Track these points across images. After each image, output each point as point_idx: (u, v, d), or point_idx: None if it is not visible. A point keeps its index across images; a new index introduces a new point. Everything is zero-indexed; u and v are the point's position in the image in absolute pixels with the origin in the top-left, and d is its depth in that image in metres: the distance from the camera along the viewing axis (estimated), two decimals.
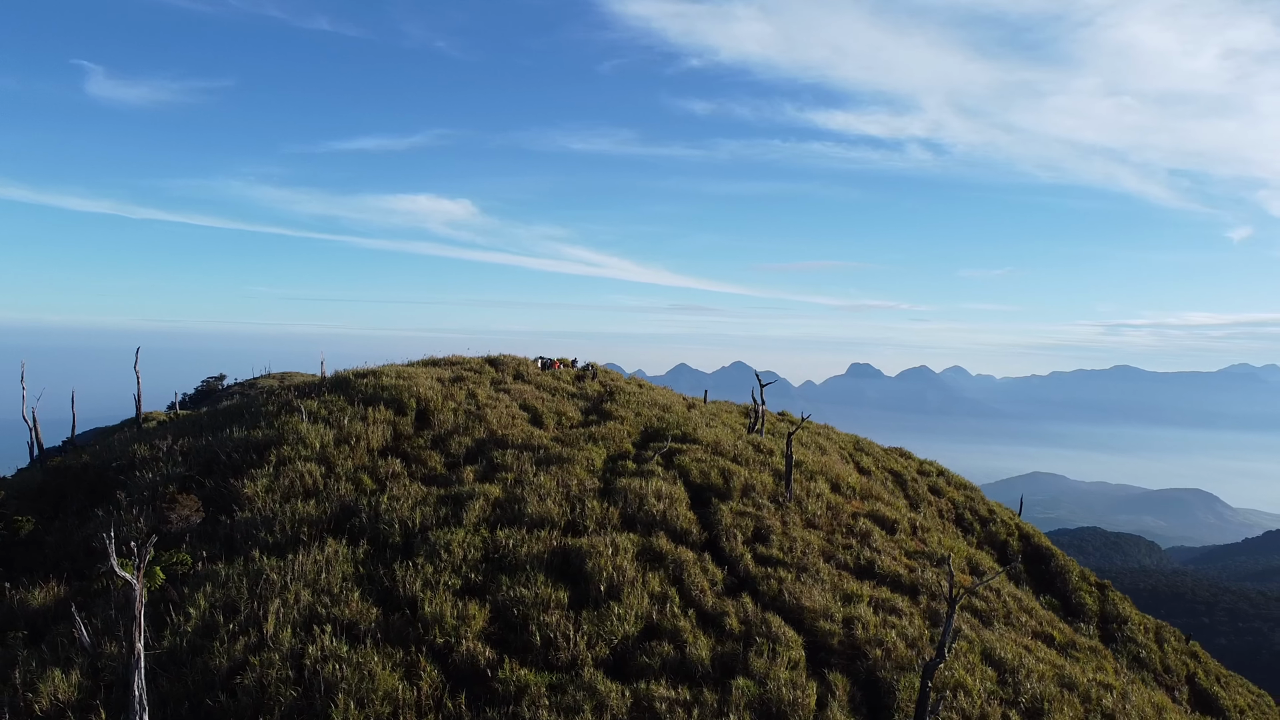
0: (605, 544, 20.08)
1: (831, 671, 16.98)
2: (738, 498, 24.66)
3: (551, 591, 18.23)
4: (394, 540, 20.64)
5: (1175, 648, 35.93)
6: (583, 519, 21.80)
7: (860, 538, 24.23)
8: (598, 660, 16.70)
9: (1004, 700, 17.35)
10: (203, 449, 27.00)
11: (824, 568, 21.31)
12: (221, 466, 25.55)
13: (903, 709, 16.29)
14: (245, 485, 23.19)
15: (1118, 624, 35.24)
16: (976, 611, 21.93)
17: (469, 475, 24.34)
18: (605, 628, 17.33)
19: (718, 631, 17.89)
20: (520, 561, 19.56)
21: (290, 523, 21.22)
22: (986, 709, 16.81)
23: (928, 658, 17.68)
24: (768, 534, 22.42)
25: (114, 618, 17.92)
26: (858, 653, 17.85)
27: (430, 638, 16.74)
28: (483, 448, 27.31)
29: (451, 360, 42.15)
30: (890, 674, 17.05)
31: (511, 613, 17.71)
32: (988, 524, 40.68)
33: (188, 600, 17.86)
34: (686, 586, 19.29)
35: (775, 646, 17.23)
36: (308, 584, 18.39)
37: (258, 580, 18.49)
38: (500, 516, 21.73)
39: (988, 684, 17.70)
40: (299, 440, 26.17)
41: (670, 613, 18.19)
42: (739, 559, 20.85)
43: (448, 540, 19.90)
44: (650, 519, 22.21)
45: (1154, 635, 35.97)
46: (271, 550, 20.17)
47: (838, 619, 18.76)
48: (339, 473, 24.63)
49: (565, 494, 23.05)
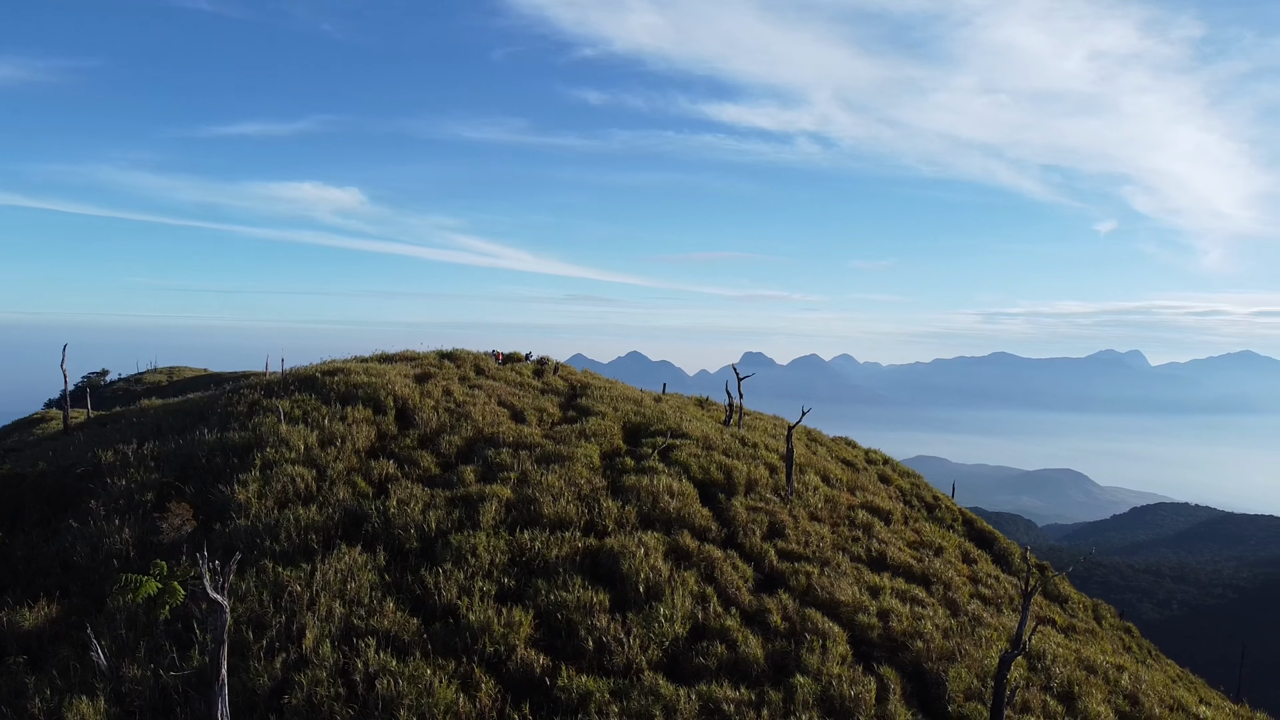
0: (634, 544, 19.83)
1: (881, 665, 17.16)
2: (743, 493, 24.70)
3: (592, 595, 17.88)
4: (410, 545, 19.89)
5: (1111, 624, 37.80)
6: (601, 519, 21.44)
7: (863, 529, 24.61)
8: (652, 663, 16.46)
9: (1040, 686, 17.88)
10: (175, 453, 25.44)
11: (842, 561, 21.55)
12: (200, 471, 24.13)
13: (954, 699, 16.60)
14: (237, 491, 21.97)
15: (1060, 603, 36.87)
16: (986, 600, 22.56)
17: (470, 476, 23.62)
18: (654, 630, 17.10)
19: (763, 629, 17.87)
20: (551, 564, 19.13)
21: (295, 530, 20.21)
22: (1026, 696, 17.28)
23: (966, 649, 18.12)
24: (782, 529, 22.53)
25: (126, 638, 16.79)
26: (899, 645, 18.09)
27: (480, 647, 16.21)
28: (474, 447, 26.57)
29: (407, 356, 40.91)
30: (936, 665, 17.33)
31: (555, 617, 17.29)
32: (934, 510, 41.85)
33: None
34: (722, 585, 19.21)
35: (825, 643, 17.32)
36: (335, 594, 17.58)
37: (281, 592, 17.59)
38: (517, 518, 21.18)
39: (1021, 670, 18.20)
40: (281, 442, 24.92)
41: (714, 612, 18.09)
42: (763, 555, 20.88)
43: (473, 544, 19.28)
44: (667, 517, 22.02)
45: (1093, 613, 37.72)
46: (281, 559, 19.17)
47: (872, 612, 18.98)
48: (331, 476, 23.58)
49: (577, 493, 22.63)
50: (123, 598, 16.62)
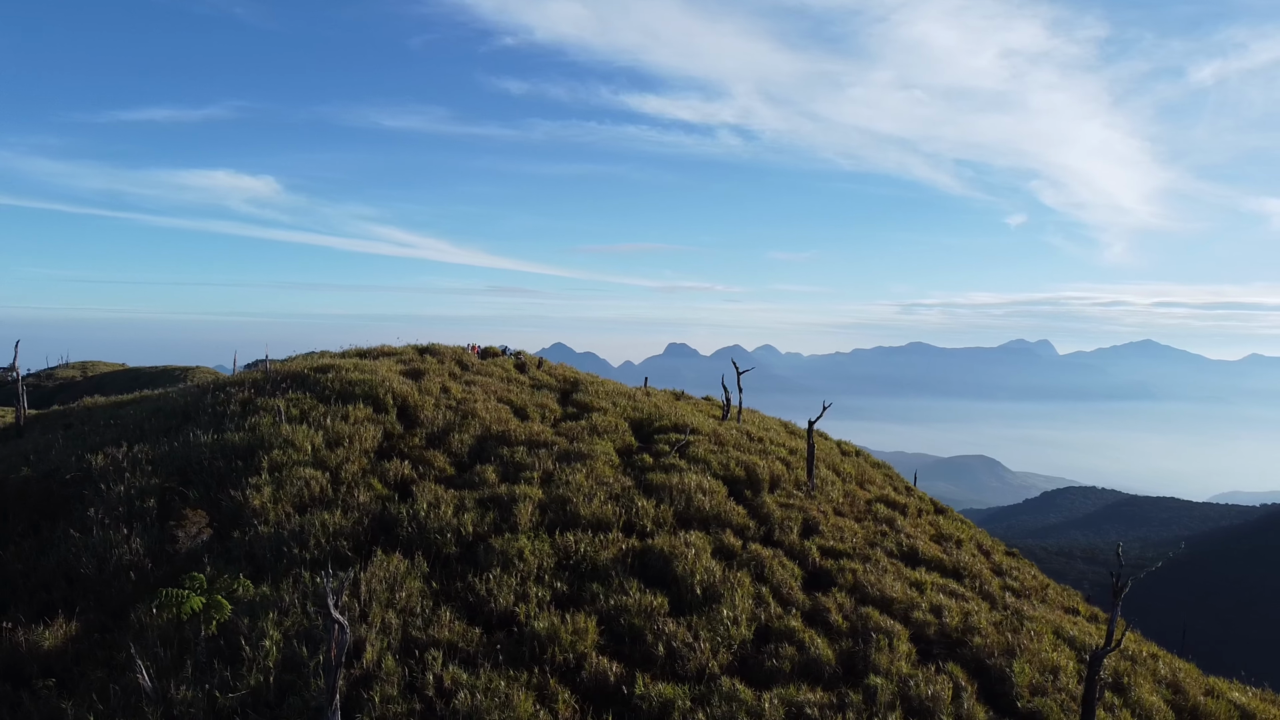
0: (681, 544, 19.43)
1: (946, 662, 17.11)
2: (768, 489, 24.49)
3: (652, 598, 17.43)
4: (449, 550, 19.13)
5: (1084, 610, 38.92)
6: (638, 518, 20.96)
7: (887, 523, 24.62)
8: (723, 667, 16.10)
9: None
10: (170, 456, 24.05)
11: (879, 556, 21.49)
12: (203, 475, 22.84)
13: (1021, 695, 16.62)
14: (251, 496, 20.85)
15: None
16: (1017, 592, 22.78)
17: (492, 476, 22.85)
18: (720, 633, 16.75)
19: (825, 628, 17.66)
20: (601, 567, 18.60)
21: (324, 536, 19.26)
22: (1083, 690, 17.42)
23: (1024, 644, 18.21)
24: (816, 525, 22.38)
25: (164, 656, 15.73)
26: (956, 641, 18.06)
27: (549, 656, 15.62)
28: (485, 445, 25.74)
29: (384, 351, 39.63)
30: (998, 661, 17.34)
31: (618, 623, 16.79)
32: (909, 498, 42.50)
33: (255, 630, 15.91)
34: (774, 584, 18.93)
35: (892, 641, 17.21)
36: (386, 604, 16.79)
37: (324, 603, 16.69)
38: (553, 520, 20.56)
39: (1072, 662, 18.38)
40: (287, 444, 23.75)
41: (774, 612, 17.82)
42: (805, 553, 20.67)
43: (518, 548, 18.62)
44: (704, 515, 21.66)
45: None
46: (312, 567, 18.26)
47: (924, 608, 18.95)
48: (344, 479, 22.57)
49: (609, 493, 22.09)
50: (165, 614, 15.59)
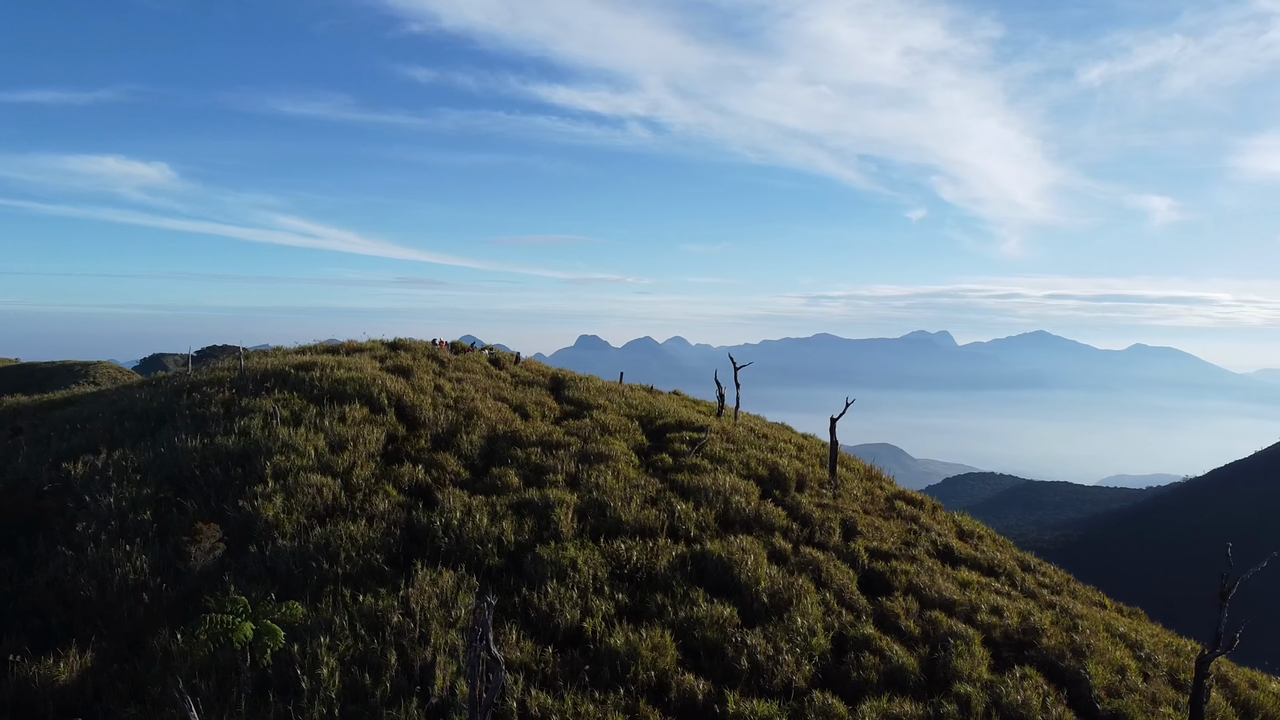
0: (736, 549, 18.61)
1: (1023, 666, 16.70)
2: (795, 489, 23.84)
3: (722, 609, 16.58)
4: (492, 562, 17.92)
5: None
6: (681, 522, 20.05)
7: (912, 521, 24.24)
8: (809, 680, 15.38)
9: (1160, 678, 17.94)
10: (157, 464, 22.11)
11: (922, 556, 21.06)
12: (198, 484, 21.03)
13: (1100, 698, 16.33)
14: (262, 506, 19.24)
15: None
16: (1051, 588, 22.60)
17: (513, 479, 21.63)
18: (799, 643, 16.01)
19: (898, 635, 17.06)
20: (658, 576, 17.67)
21: (354, 549, 17.84)
22: (1155, 691, 17.25)
23: (1091, 643, 17.95)
24: (854, 526, 21.82)
25: (207, 690, 14.21)
26: (1023, 643, 17.68)
27: (633, 675, 14.64)
28: (495, 446, 24.44)
29: (353, 346, 37.65)
30: (1071, 663, 17.03)
31: (692, 636, 15.90)
32: None
33: (308, 657, 14.53)
34: (835, 589, 18.28)
35: (971, 647, 16.73)
36: (444, 623, 15.56)
37: (378, 624, 15.38)
38: (594, 526, 19.50)
39: (1133, 661, 18.22)
40: (288, 448, 22.07)
41: (845, 619, 17.18)
42: (855, 555, 20.07)
43: (570, 558, 17.53)
44: (745, 518, 20.88)
45: None
46: (347, 583, 16.87)
47: (984, 609, 18.55)
48: (356, 485, 21.07)
49: (644, 496, 21.12)
50: (211, 643, 14.08)
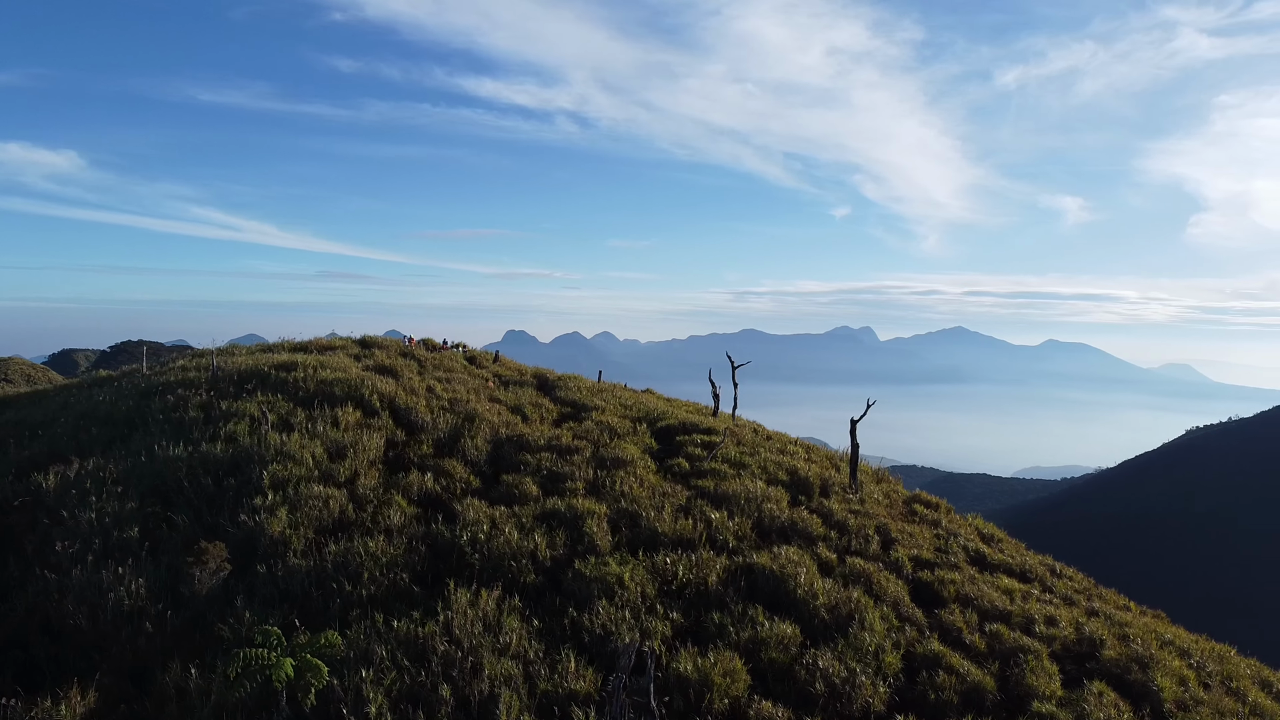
0: (785, 561, 17.58)
1: (1093, 680, 16.00)
2: (818, 493, 22.92)
3: (784, 627, 15.53)
4: (528, 579, 16.57)
5: None
6: (717, 533, 18.95)
7: (934, 525, 23.54)
8: (887, 703, 14.43)
9: (1217, 688, 17.48)
10: (136, 474, 20.15)
11: (960, 563, 20.34)
12: (187, 496, 19.18)
13: (1171, 713, 15.73)
14: (267, 521, 17.53)
15: None
16: (1085, 593, 22.09)
17: (532, 488, 20.24)
18: (870, 663, 15.04)
19: (964, 650, 16.22)
20: (710, 593, 16.54)
21: (377, 568, 16.31)
22: (1219, 702, 16.76)
23: (1151, 654, 17.38)
24: (889, 533, 20.98)
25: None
26: (1083, 655, 17.05)
27: (707, 704, 13.52)
28: (502, 451, 22.98)
29: (321, 345, 35.57)
30: (1138, 675, 16.42)
31: (758, 658, 14.82)
32: None
33: (353, 694, 13.04)
34: (891, 601, 17.38)
35: (1040, 662, 15.99)
36: (496, 650, 14.19)
37: (423, 654, 13.94)
38: (630, 538, 18.29)
39: (1189, 670, 17.72)
40: (285, 456, 20.33)
41: (910, 635, 16.29)
42: (899, 564, 19.22)
43: (615, 574, 16.27)
44: (780, 526, 19.87)
45: None
46: (373, 606, 15.37)
47: (1039, 620, 17.87)
48: (364, 495, 19.46)
49: (674, 505, 19.94)
50: (248, 682, 12.51)
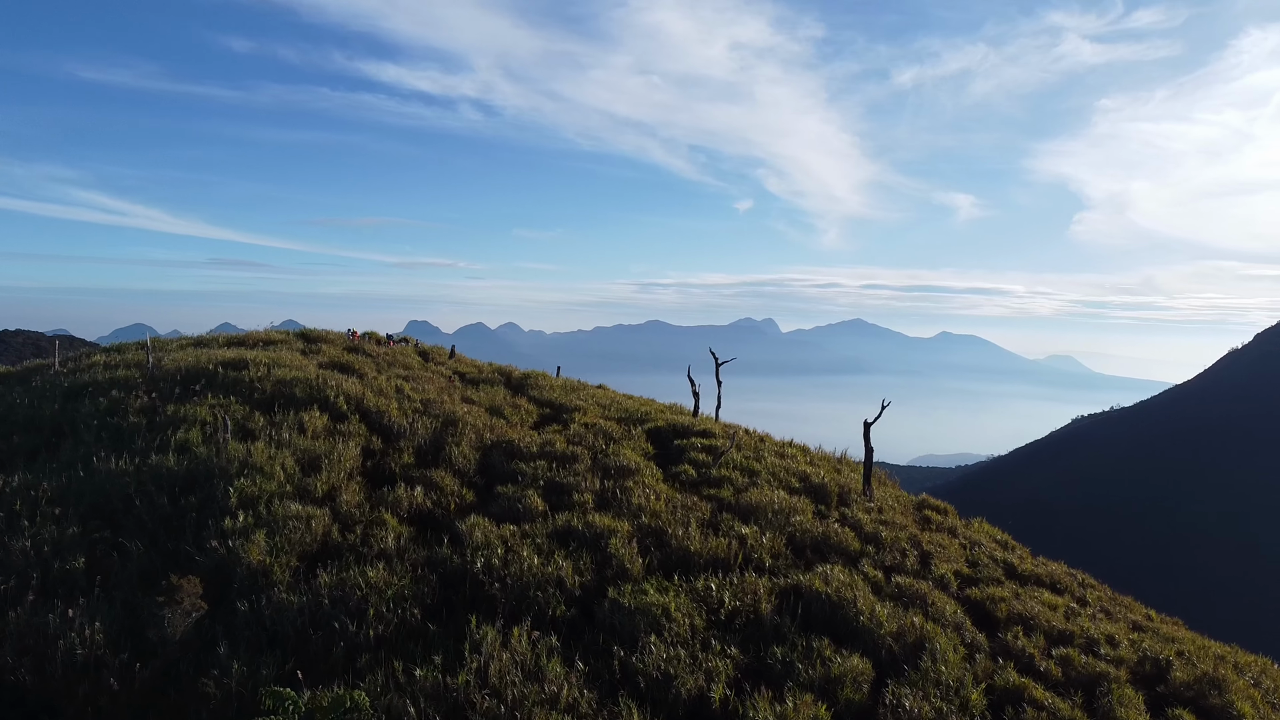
0: (840, 583, 15.91)
1: (1174, 707, 14.85)
2: (836, 502, 21.36)
3: (855, 660, 13.87)
4: (558, 612, 14.50)
5: None
6: (753, 551, 17.17)
7: (950, 532, 22.26)
8: None
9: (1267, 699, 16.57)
10: (73, 492, 17.26)
11: (1000, 577, 19.05)
12: (140, 519, 16.43)
13: None
14: (244, 549, 14.99)
15: None
16: (1116, 602, 21.09)
17: (536, 502, 18.11)
18: (953, 700, 13.49)
19: (1040, 678, 14.85)
20: (764, 622, 14.74)
21: (382, 603, 14.02)
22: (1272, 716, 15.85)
23: (1221, 677, 16.32)
24: (920, 544, 19.55)
25: None
26: (1151, 677, 15.92)
27: None
28: (491, 459, 20.73)
29: (260, 338, 32.40)
30: (1215, 700, 15.34)
31: (834, 698, 13.14)
32: None
33: None
34: (953, 625, 15.88)
35: (1124, 690, 14.70)
36: (543, 703, 12.11)
37: (459, 711, 11.79)
38: (661, 559, 16.37)
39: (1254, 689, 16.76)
40: (251, 469, 17.71)
41: (982, 664, 14.81)
42: (944, 581, 17.78)
43: (661, 605, 14.34)
44: (813, 540, 18.21)
45: None
46: (384, 649, 13.14)
47: (1100, 639, 16.66)
48: (349, 514, 17.03)
49: (698, 519, 18.06)
50: None
